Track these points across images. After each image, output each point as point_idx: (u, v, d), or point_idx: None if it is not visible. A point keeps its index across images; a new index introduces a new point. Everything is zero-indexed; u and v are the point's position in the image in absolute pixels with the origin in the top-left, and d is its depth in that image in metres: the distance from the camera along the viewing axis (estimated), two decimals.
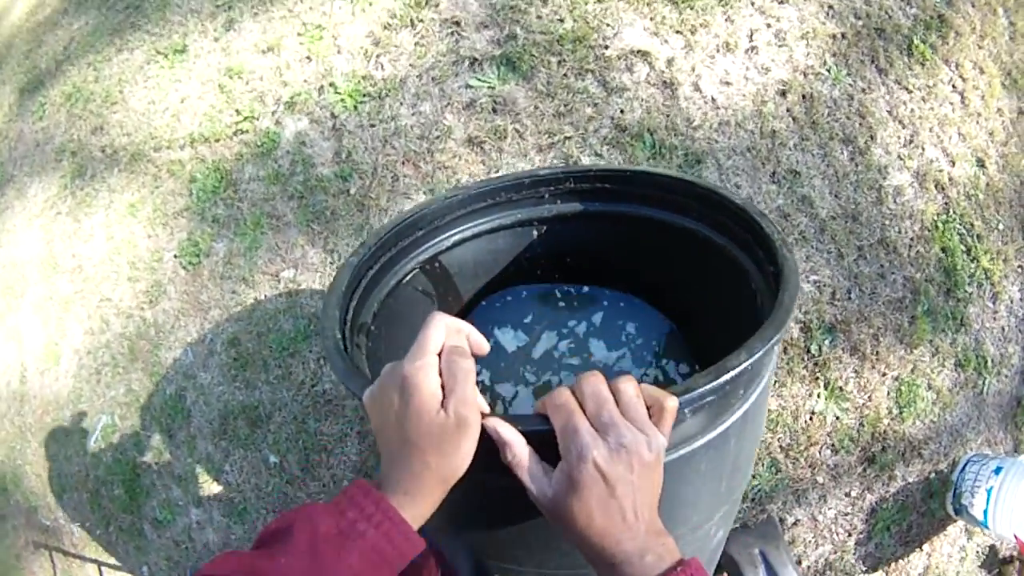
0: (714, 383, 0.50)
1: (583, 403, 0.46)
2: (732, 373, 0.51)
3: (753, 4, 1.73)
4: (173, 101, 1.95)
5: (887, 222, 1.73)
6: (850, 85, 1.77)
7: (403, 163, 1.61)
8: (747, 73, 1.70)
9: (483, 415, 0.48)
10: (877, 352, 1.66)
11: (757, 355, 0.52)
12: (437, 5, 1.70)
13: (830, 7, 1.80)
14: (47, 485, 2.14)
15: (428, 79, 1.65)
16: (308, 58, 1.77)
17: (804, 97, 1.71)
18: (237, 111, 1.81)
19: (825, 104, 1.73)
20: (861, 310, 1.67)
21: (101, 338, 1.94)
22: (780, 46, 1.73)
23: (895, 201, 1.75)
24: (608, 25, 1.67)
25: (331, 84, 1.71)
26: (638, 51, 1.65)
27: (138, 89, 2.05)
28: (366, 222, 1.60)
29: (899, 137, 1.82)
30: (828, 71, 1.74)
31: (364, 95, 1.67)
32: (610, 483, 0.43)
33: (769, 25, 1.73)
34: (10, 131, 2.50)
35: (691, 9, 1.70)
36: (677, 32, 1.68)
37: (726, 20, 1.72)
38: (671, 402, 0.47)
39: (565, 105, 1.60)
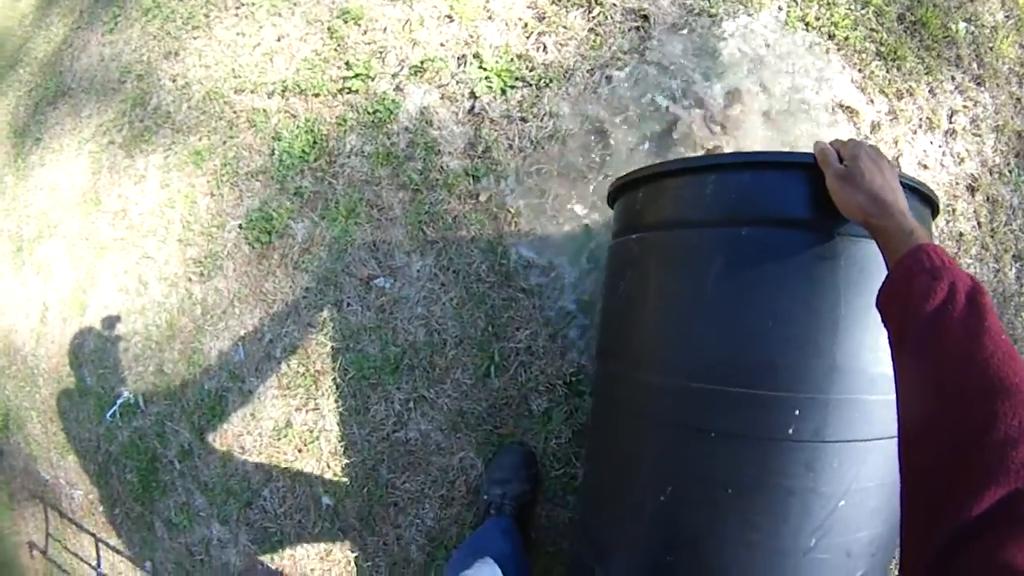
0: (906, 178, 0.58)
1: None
2: (906, 177, 0.58)
3: (954, 80, 1.19)
4: (268, 37, 1.32)
5: None
6: None
7: (557, 176, 1.03)
8: (943, 159, 1.17)
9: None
10: None
11: (911, 183, 0.59)
12: None
13: (1018, 100, 1.27)
14: (51, 439, 1.56)
15: (601, 78, 1.06)
16: (449, 17, 1.15)
17: (988, 199, 1.20)
18: (347, 64, 1.19)
19: (1005, 211, 1.22)
20: None
21: (136, 301, 1.34)
22: (975, 134, 1.20)
23: None
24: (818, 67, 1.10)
25: (476, 56, 1.10)
26: (845, 106, 1.10)
27: (228, 16, 1.40)
28: (498, 241, 1.02)
29: None
30: (1011, 172, 1.23)
31: (517, 79, 1.08)
32: (876, 161, 0.53)
33: (967, 108, 1.19)
34: (76, 39, 1.81)
35: (898, 70, 1.15)
36: (883, 93, 1.13)
37: (930, 92, 1.17)
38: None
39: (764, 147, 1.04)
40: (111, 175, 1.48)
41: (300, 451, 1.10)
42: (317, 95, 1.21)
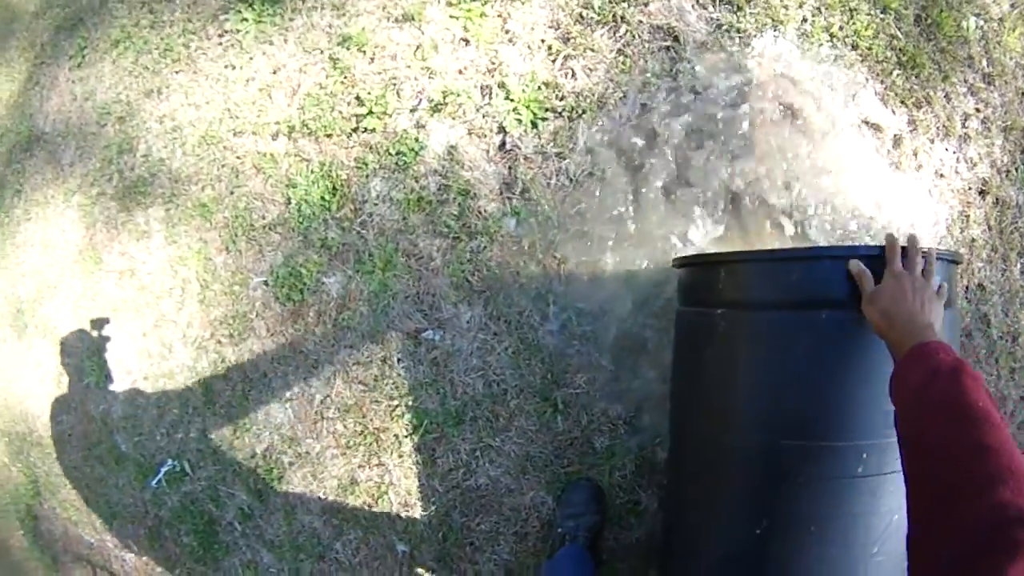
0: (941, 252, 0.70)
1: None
2: (940, 252, 0.70)
3: (966, 81, 1.17)
4: (262, 69, 1.21)
5: None
6: None
7: (599, 217, 0.99)
8: (957, 166, 1.18)
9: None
10: None
11: (948, 257, 0.72)
12: (646, 4, 1.02)
13: (1023, 95, 1.26)
14: (91, 505, 1.53)
15: (635, 106, 1.00)
16: (465, 41, 1.07)
17: (997, 201, 1.22)
18: (358, 99, 1.10)
19: (1012, 211, 1.24)
20: None
21: (163, 365, 1.28)
22: (985, 137, 1.20)
23: None
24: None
25: (501, 85, 1.03)
26: (871, 123, 1.08)
27: (211, 46, 1.27)
28: (547, 288, 1.00)
29: None
30: (1017, 170, 1.25)
31: (547, 110, 1.02)
32: (909, 279, 0.64)
33: (979, 110, 1.18)
34: (42, 75, 1.63)
35: (916, 78, 1.13)
36: (903, 104, 1.11)
37: (945, 98, 1.16)
38: (929, 255, 0.68)
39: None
40: (107, 230, 1.38)
41: (370, 505, 1.10)
42: (329, 135, 1.13)
